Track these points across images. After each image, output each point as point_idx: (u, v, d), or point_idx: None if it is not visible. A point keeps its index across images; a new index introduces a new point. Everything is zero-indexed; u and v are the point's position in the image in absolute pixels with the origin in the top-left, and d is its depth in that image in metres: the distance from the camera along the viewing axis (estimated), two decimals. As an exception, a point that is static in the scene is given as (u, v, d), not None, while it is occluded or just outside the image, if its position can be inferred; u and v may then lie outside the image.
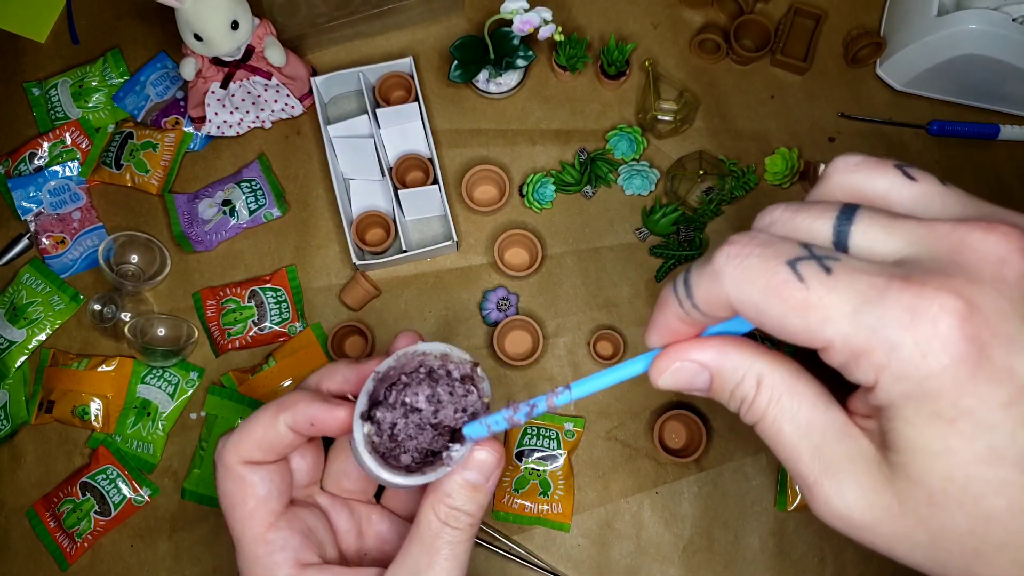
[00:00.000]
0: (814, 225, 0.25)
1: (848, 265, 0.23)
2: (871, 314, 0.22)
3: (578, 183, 0.74)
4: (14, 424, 0.71)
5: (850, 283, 0.22)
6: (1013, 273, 0.21)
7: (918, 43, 0.71)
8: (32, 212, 0.75)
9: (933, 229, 0.23)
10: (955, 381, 0.22)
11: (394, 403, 0.36)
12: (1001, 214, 0.23)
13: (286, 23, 0.75)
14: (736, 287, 0.25)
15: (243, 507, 0.37)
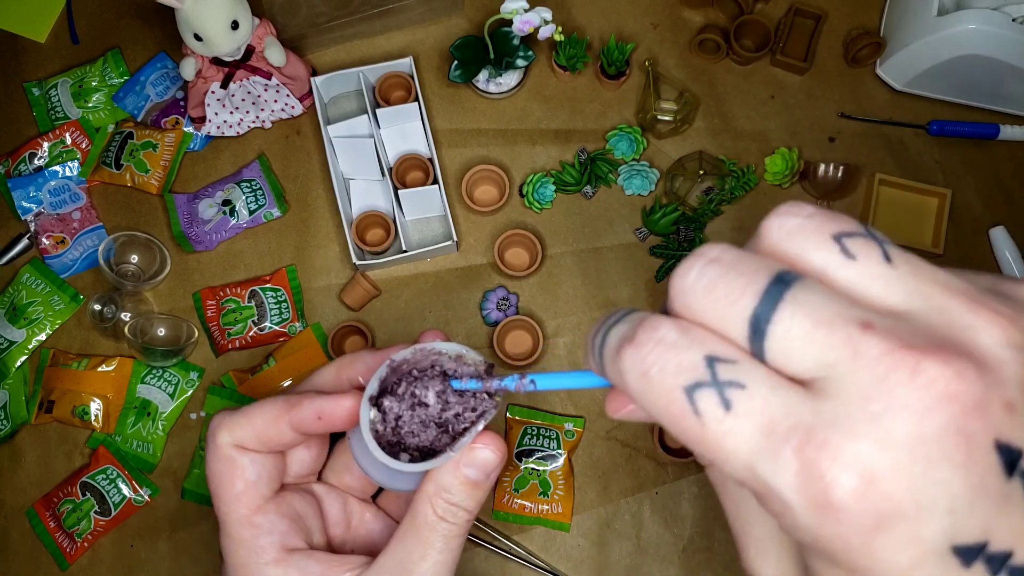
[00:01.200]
0: (731, 311, 0.21)
1: (751, 400, 0.20)
2: (765, 469, 0.20)
3: (578, 183, 0.74)
4: (14, 424, 0.71)
5: (747, 426, 0.20)
6: (932, 428, 0.18)
7: (918, 43, 0.71)
8: (32, 212, 0.75)
9: (857, 352, 0.20)
10: (849, 545, 0.20)
11: (403, 395, 0.35)
12: (947, 312, 0.21)
13: (286, 23, 0.75)
14: (638, 396, 0.23)
15: (231, 489, 0.36)
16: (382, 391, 0.35)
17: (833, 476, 0.19)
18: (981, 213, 0.74)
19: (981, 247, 0.73)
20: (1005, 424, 0.18)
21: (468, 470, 0.35)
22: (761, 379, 0.20)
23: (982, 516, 0.18)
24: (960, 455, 0.18)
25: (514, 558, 0.66)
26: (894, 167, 0.75)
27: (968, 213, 0.74)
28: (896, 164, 0.75)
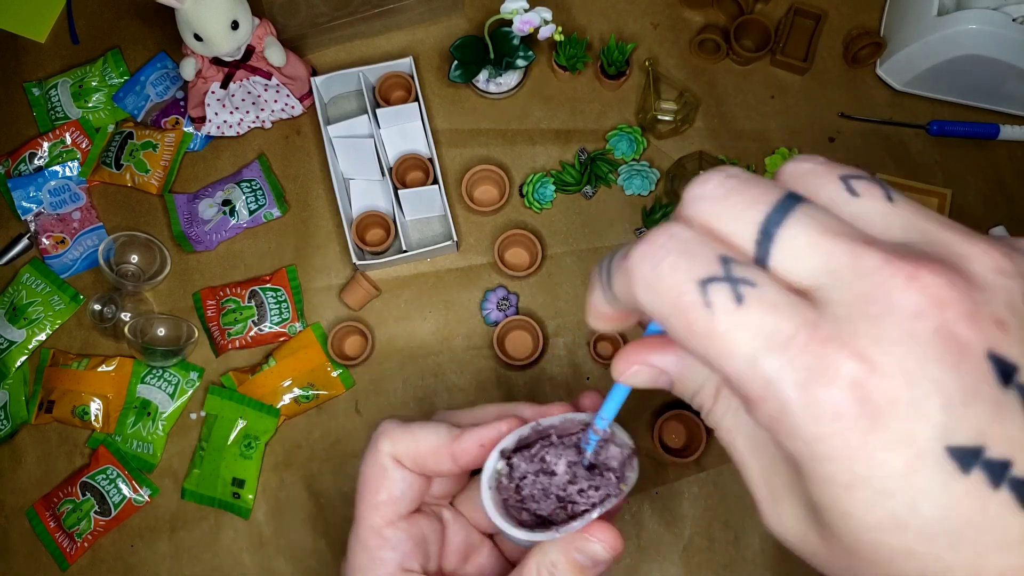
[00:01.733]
0: (744, 215, 0.22)
1: (761, 297, 0.21)
2: (769, 364, 0.21)
3: (578, 183, 0.74)
4: (14, 424, 0.71)
5: (757, 321, 0.21)
6: (925, 329, 0.19)
7: (918, 43, 0.71)
8: (32, 212, 0.75)
9: (859, 261, 0.21)
10: (847, 447, 0.21)
11: (533, 456, 0.35)
12: (943, 243, 0.21)
13: (286, 23, 0.75)
14: (645, 294, 0.23)
15: (374, 496, 0.37)
16: (518, 447, 0.35)
17: (834, 371, 0.19)
18: (981, 213, 0.74)
19: (981, 247, 0.73)
20: (997, 338, 0.19)
21: (578, 555, 0.34)
22: (770, 281, 0.21)
23: (976, 420, 0.19)
24: (952, 356, 0.19)
25: (514, 558, 0.66)
26: (894, 167, 0.75)
27: (968, 213, 0.74)
28: (896, 164, 0.75)
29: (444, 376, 0.71)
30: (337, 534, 0.68)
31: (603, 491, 0.34)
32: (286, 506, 0.69)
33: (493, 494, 0.34)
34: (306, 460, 0.70)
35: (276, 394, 0.70)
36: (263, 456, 0.70)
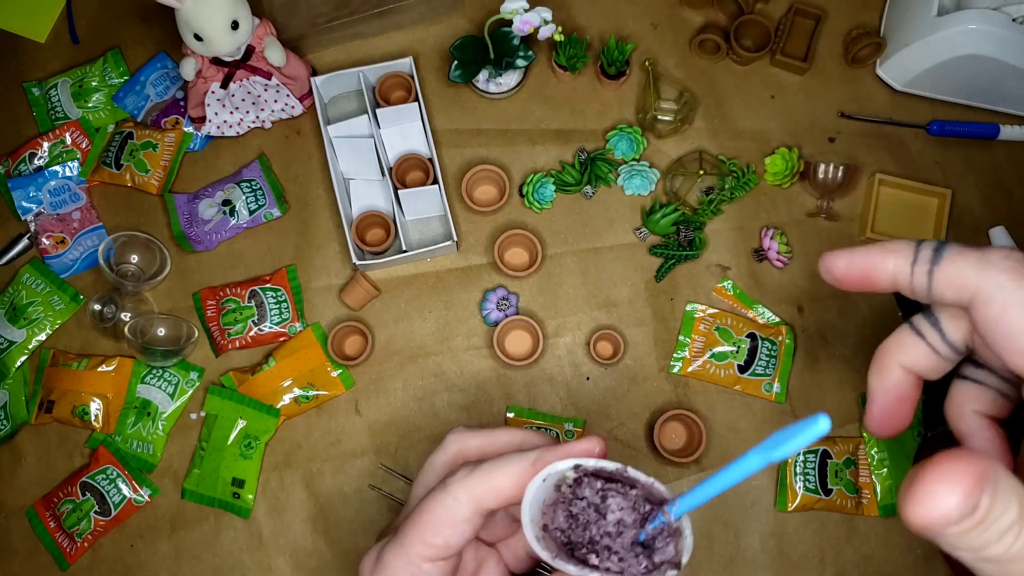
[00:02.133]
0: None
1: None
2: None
3: (578, 183, 0.74)
4: (14, 424, 0.71)
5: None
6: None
7: (918, 43, 0.71)
8: (32, 212, 0.75)
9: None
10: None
11: (600, 489, 0.36)
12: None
13: (286, 23, 0.75)
14: (999, 285, 0.27)
15: (433, 536, 0.37)
16: (596, 473, 0.36)
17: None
18: (981, 213, 0.74)
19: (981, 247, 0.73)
20: None
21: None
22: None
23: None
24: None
25: (514, 558, 0.66)
26: (894, 167, 0.75)
27: (968, 213, 0.74)
28: (896, 164, 0.75)
29: (444, 376, 0.71)
30: (337, 534, 0.68)
31: (628, 568, 0.34)
32: (286, 506, 0.69)
33: (541, 494, 0.35)
34: (306, 460, 0.70)
35: (276, 394, 0.70)
36: (263, 456, 0.70)
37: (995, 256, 0.28)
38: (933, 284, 0.29)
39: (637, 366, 0.70)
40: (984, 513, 0.24)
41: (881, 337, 0.61)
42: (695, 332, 0.71)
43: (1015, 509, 0.24)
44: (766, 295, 0.72)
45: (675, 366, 0.70)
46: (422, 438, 0.69)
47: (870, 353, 0.45)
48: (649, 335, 0.71)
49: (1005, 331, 0.28)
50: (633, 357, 0.71)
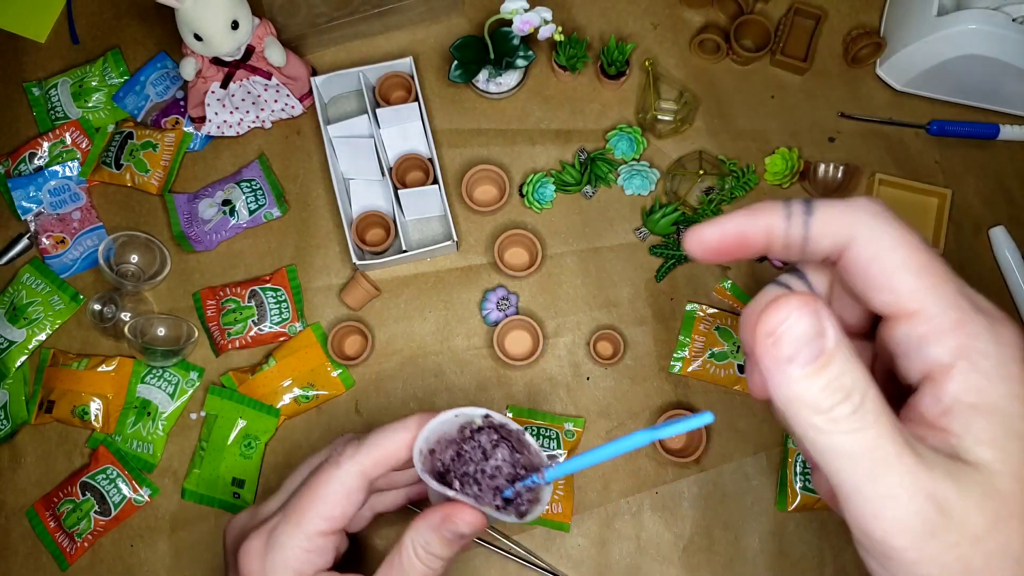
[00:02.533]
0: None
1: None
2: (969, 302, 0.28)
3: (578, 183, 0.74)
4: (14, 424, 0.71)
5: (955, 274, 0.29)
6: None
7: (918, 43, 0.71)
8: (32, 212, 0.75)
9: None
10: (1021, 389, 0.27)
11: (495, 438, 0.43)
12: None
13: (286, 23, 0.75)
14: (871, 225, 0.30)
15: (330, 510, 0.42)
16: (498, 428, 0.43)
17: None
18: (981, 213, 0.74)
19: (981, 247, 0.73)
20: None
21: (447, 533, 0.41)
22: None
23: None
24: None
25: (514, 558, 0.66)
26: (894, 167, 0.75)
27: (968, 213, 0.74)
28: (896, 164, 0.75)
29: (444, 376, 0.71)
30: (337, 534, 0.68)
31: (482, 499, 0.42)
32: (286, 506, 0.69)
33: (445, 427, 0.42)
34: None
35: (276, 394, 0.70)
36: (263, 456, 0.70)
37: (861, 201, 0.30)
38: (810, 233, 0.30)
39: (637, 366, 0.71)
40: (832, 346, 0.27)
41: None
42: (695, 332, 0.71)
43: (855, 374, 0.27)
44: (766, 295, 0.72)
45: (675, 366, 0.70)
46: (422, 438, 0.69)
47: None
48: (649, 335, 0.71)
49: (877, 269, 0.30)
50: (633, 357, 0.71)
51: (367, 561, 0.49)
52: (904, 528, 0.26)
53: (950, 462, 0.27)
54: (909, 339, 0.29)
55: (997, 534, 0.26)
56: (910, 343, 0.29)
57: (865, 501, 0.27)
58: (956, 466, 0.27)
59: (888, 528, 0.26)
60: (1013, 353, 0.28)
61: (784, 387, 0.27)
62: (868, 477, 0.26)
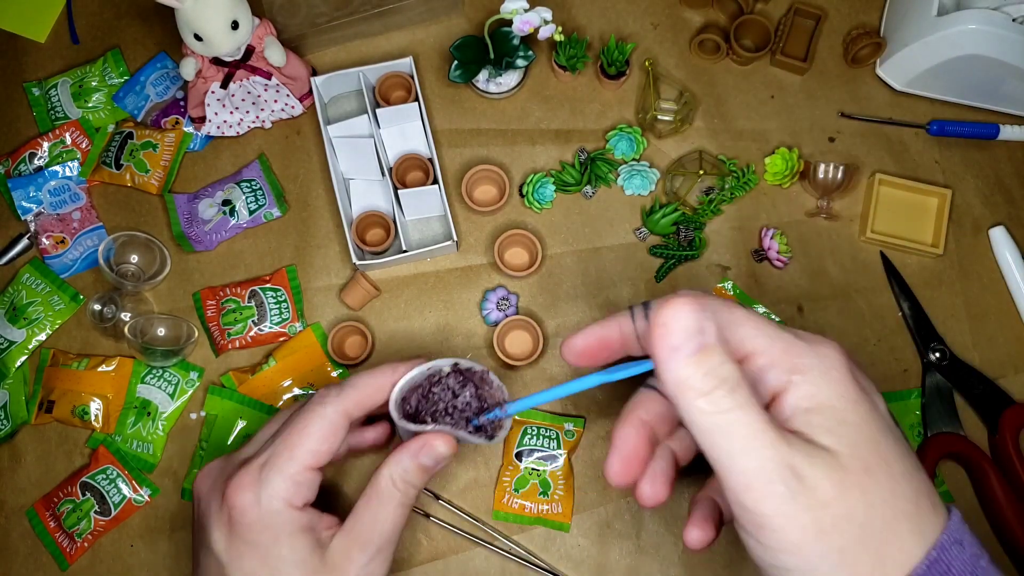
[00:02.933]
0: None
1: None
2: (790, 333, 0.37)
3: (578, 183, 0.74)
4: (14, 424, 0.71)
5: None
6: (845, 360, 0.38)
7: (918, 43, 0.71)
8: (32, 212, 0.75)
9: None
10: (849, 382, 0.36)
11: (460, 380, 0.51)
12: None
13: (286, 23, 0.75)
14: (689, 300, 0.35)
15: (318, 445, 0.48)
16: (462, 375, 0.52)
17: (835, 351, 0.39)
18: (981, 213, 0.74)
19: (981, 247, 0.73)
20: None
21: (424, 458, 0.49)
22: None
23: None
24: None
25: (514, 558, 0.66)
26: (894, 167, 0.75)
27: (968, 213, 0.74)
28: (896, 164, 0.75)
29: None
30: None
31: (455, 427, 0.50)
32: (286, 506, 0.69)
33: (417, 378, 0.50)
34: (306, 460, 0.70)
35: (276, 394, 0.70)
36: (263, 456, 0.70)
37: (680, 292, 0.37)
38: (652, 323, 0.37)
39: (637, 366, 0.70)
40: (712, 341, 0.34)
41: (881, 336, 0.64)
42: (695, 332, 0.71)
43: (729, 366, 0.34)
44: (766, 295, 0.72)
45: (675, 366, 0.70)
46: (422, 438, 0.69)
47: (870, 353, 0.50)
48: (649, 335, 0.71)
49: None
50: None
51: (335, 507, 0.54)
52: (770, 494, 0.32)
53: (805, 442, 0.34)
54: (754, 373, 0.36)
55: (842, 501, 0.32)
56: (756, 375, 0.36)
57: (739, 474, 0.33)
58: (809, 446, 0.34)
59: (757, 497, 0.33)
60: (832, 363, 0.36)
61: (673, 371, 0.34)
62: (740, 451, 0.33)
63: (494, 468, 0.68)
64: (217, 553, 0.46)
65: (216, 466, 0.52)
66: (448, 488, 0.68)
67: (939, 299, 0.72)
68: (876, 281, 0.72)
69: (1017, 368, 0.70)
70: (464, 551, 0.66)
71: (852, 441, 0.34)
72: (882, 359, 0.70)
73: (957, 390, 0.69)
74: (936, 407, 0.68)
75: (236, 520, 0.46)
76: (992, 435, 0.67)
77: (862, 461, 0.33)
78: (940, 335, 0.70)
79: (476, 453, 0.69)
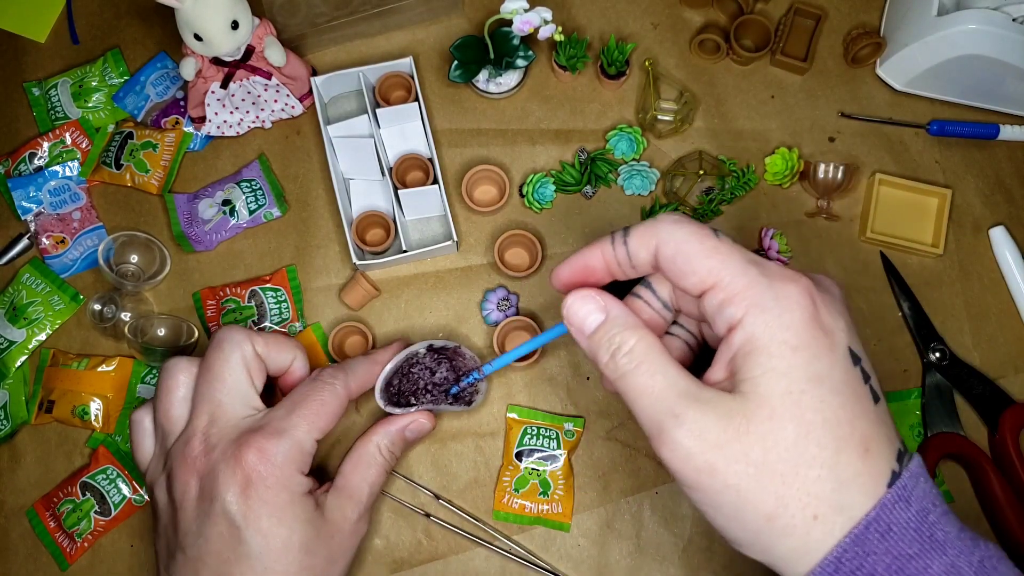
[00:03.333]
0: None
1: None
2: (757, 268, 0.37)
3: (578, 183, 0.74)
4: (14, 424, 0.71)
5: (745, 250, 0.38)
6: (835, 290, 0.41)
7: (918, 43, 0.71)
8: (32, 212, 0.75)
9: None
10: (802, 325, 0.36)
11: (434, 359, 0.60)
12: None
13: (286, 23, 0.75)
14: (668, 230, 0.39)
15: (327, 423, 0.55)
16: (437, 354, 0.61)
17: (800, 284, 0.39)
18: (981, 213, 0.74)
19: (981, 247, 0.73)
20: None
21: (409, 434, 0.60)
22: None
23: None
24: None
25: (514, 558, 0.66)
26: (894, 167, 0.75)
27: (968, 213, 0.74)
28: (896, 164, 0.75)
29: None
30: (337, 534, 0.68)
31: (437, 402, 0.60)
32: (286, 506, 0.69)
33: (398, 364, 0.59)
34: (306, 460, 0.70)
35: (276, 394, 0.70)
36: (263, 456, 0.69)
37: (662, 216, 0.39)
38: (629, 250, 0.41)
39: (637, 366, 0.70)
40: (602, 319, 0.42)
41: (881, 336, 0.65)
42: (695, 332, 0.71)
43: (622, 335, 0.40)
44: (766, 295, 0.72)
45: (675, 366, 0.70)
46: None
47: (870, 353, 0.50)
48: (649, 335, 0.71)
49: (681, 259, 0.38)
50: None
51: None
52: (664, 441, 0.37)
53: (706, 391, 0.37)
54: (714, 305, 0.38)
55: (736, 443, 0.35)
56: (715, 308, 0.38)
57: (644, 423, 0.38)
58: (712, 394, 0.36)
59: (656, 444, 0.37)
60: (788, 304, 0.36)
61: (585, 348, 0.43)
62: (640, 405, 0.38)
63: (494, 468, 0.68)
64: (231, 515, 0.49)
65: (175, 449, 0.53)
66: (448, 488, 0.68)
67: (939, 299, 0.72)
68: (876, 281, 0.72)
69: (1017, 368, 0.70)
70: (464, 551, 0.66)
71: (769, 388, 0.35)
72: (882, 359, 0.70)
73: (957, 390, 0.69)
74: (936, 407, 0.68)
75: (256, 481, 0.49)
76: (992, 435, 0.67)
77: (769, 408, 0.35)
78: (940, 335, 0.70)
79: (476, 453, 0.69)
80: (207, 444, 0.51)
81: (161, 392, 0.55)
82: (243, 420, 0.53)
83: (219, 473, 0.50)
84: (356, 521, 0.55)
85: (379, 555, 0.67)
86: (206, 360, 0.54)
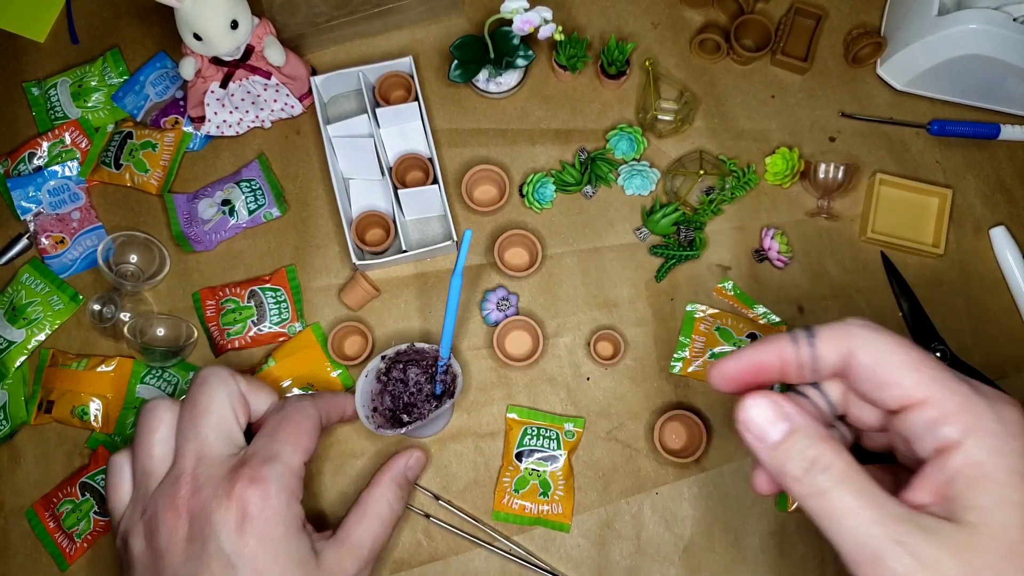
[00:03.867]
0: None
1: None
2: (969, 387, 0.34)
3: (578, 183, 0.74)
4: (13, 424, 0.71)
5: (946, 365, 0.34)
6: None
7: (919, 43, 0.71)
8: (31, 212, 0.75)
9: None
10: (1016, 461, 0.32)
11: (402, 367, 0.62)
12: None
13: (286, 23, 0.75)
14: (866, 336, 0.35)
15: (310, 443, 0.54)
16: (397, 358, 0.63)
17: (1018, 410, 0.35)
18: (982, 213, 0.74)
19: (982, 247, 0.73)
20: None
21: (409, 473, 0.62)
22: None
23: None
24: None
25: (514, 558, 0.66)
26: (895, 167, 0.75)
27: (969, 213, 0.74)
28: (897, 164, 0.75)
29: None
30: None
31: (424, 412, 0.60)
32: (286, 506, 0.69)
33: (368, 387, 0.60)
34: (306, 460, 0.70)
35: (276, 394, 0.70)
36: (263, 456, 0.69)
37: (853, 320, 0.36)
38: (817, 353, 0.37)
39: (637, 366, 0.70)
40: (792, 427, 0.35)
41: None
42: (695, 332, 0.71)
43: (817, 448, 0.34)
44: (766, 295, 0.72)
45: (675, 366, 0.70)
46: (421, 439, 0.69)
47: None
48: (649, 335, 0.71)
49: (882, 371, 0.35)
50: (633, 357, 0.71)
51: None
52: (883, 571, 0.32)
53: (923, 517, 0.33)
54: (921, 423, 0.34)
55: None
56: (923, 427, 0.34)
57: (849, 551, 0.33)
58: (932, 521, 0.32)
59: (871, 574, 0.32)
60: (1013, 430, 0.33)
61: (767, 462, 0.36)
62: (844, 531, 0.33)
63: (494, 469, 0.68)
64: (226, 554, 0.46)
65: (160, 492, 0.50)
66: (448, 488, 0.68)
67: (940, 299, 0.71)
68: (876, 281, 0.72)
69: (1017, 368, 0.70)
70: (464, 552, 0.66)
71: (1004, 521, 0.32)
72: (882, 359, 0.70)
73: (958, 390, 0.69)
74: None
75: (251, 515, 0.47)
76: (993, 435, 0.67)
77: (1008, 543, 0.31)
78: (940, 335, 0.70)
79: (476, 454, 0.69)
80: (195, 484, 0.49)
81: (142, 432, 0.52)
82: (229, 459, 0.51)
83: (212, 512, 0.47)
84: (355, 575, 0.53)
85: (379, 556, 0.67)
86: (191, 397, 0.52)
